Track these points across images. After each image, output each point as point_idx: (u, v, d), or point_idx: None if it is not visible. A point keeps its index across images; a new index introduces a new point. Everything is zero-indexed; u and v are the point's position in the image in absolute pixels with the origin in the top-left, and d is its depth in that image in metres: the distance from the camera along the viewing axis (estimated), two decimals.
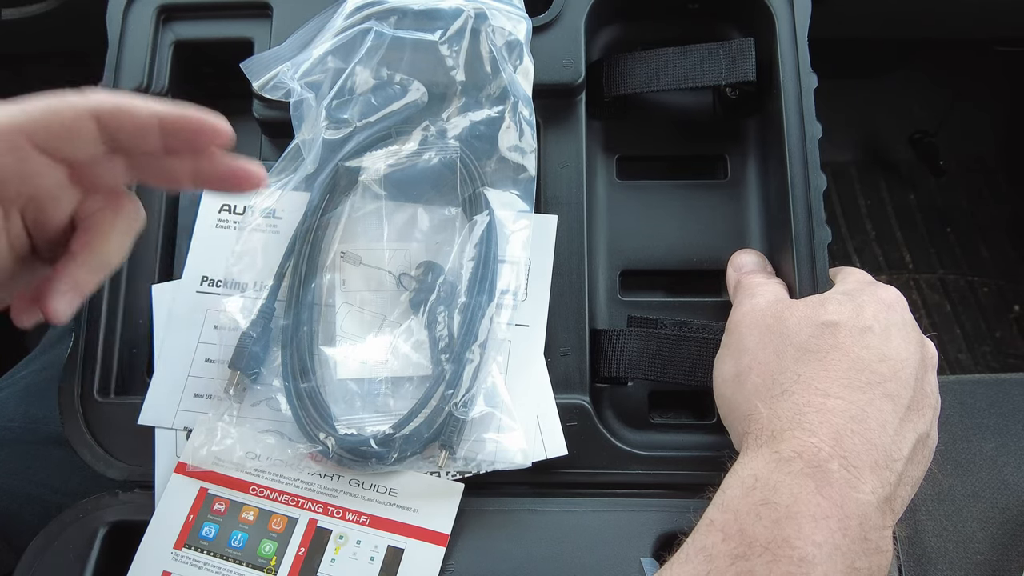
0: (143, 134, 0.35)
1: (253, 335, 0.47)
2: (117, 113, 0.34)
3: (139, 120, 0.35)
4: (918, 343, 0.42)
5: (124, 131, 0.35)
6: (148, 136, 0.35)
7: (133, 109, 0.34)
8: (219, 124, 0.36)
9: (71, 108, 0.34)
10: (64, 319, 0.35)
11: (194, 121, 0.35)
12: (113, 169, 0.36)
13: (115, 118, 0.34)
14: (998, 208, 1.13)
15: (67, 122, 0.34)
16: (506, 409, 0.46)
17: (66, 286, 0.35)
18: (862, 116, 1.15)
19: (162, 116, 0.35)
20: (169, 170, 0.37)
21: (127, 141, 0.35)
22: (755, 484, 0.37)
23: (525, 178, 0.49)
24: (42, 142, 0.34)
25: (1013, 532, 0.53)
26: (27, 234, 0.36)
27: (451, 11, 0.49)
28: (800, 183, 0.48)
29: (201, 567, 0.44)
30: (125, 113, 0.34)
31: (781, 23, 0.51)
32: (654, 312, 0.52)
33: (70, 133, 0.34)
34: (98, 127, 0.34)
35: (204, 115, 0.35)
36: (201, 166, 0.37)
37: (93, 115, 0.34)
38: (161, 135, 0.35)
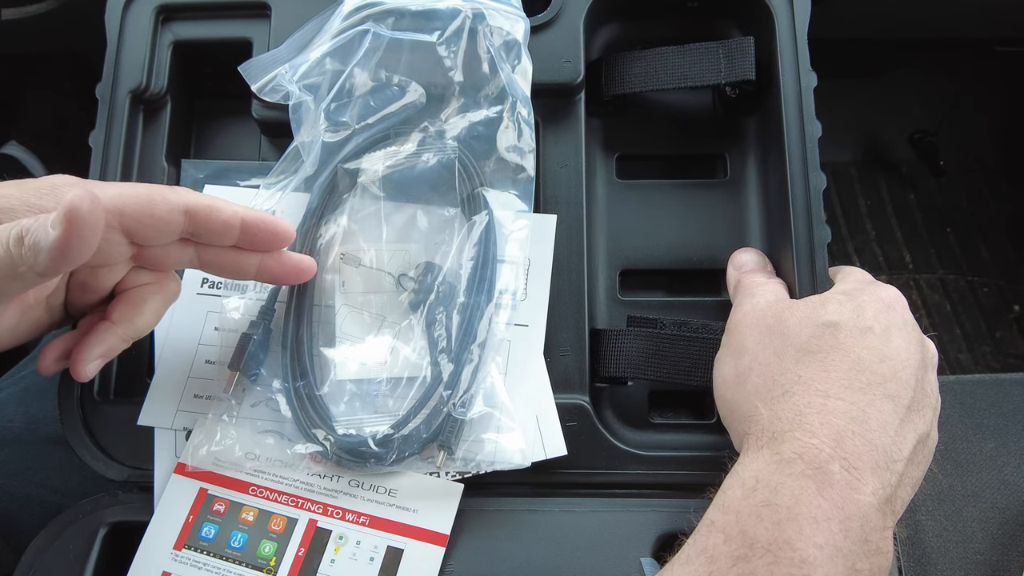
0: (225, 232, 0.39)
1: (253, 336, 0.47)
2: (208, 213, 0.38)
3: (226, 220, 0.38)
4: (918, 343, 0.42)
5: (209, 229, 0.38)
6: (229, 235, 0.39)
7: (222, 211, 0.38)
8: (289, 230, 0.40)
9: (166, 203, 0.37)
10: (89, 378, 0.39)
11: (270, 225, 0.39)
12: (181, 256, 0.40)
13: (205, 217, 0.38)
14: (998, 208, 1.12)
15: (160, 215, 0.37)
16: (505, 409, 0.46)
17: (100, 351, 0.39)
18: (862, 116, 1.15)
19: (244, 219, 0.39)
20: (237, 263, 0.41)
21: (208, 238, 0.39)
22: (756, 485, 0.37)
23: (524, 178, 0.49)
24: (130, 227, 0.36)
25: (1013, 532, 0.53)
26: (65, 293, 0.40)
27: (449, 12, 0.49)
28: (800, 182, 0.48)
29: (201, 567, 0.44)
30: (215, 213, 0.38)
31: (781, 22, 0.51)
32: (654, 312, 0.52)
33: (160, 225, 0.37)
34: (186, 222, 0.38)
35: (278, 221, 0.40)
36: (267, 262, 0.41)
37: (185, 212, 0.37)
38: (240, 235, 0.39)
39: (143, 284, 0.41)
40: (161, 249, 0.39)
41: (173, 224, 0.37)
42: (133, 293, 0.40)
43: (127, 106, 0.52)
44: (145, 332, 0.41)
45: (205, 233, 0.39)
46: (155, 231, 0.37)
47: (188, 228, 0.38)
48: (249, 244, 0.40)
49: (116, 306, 0.40)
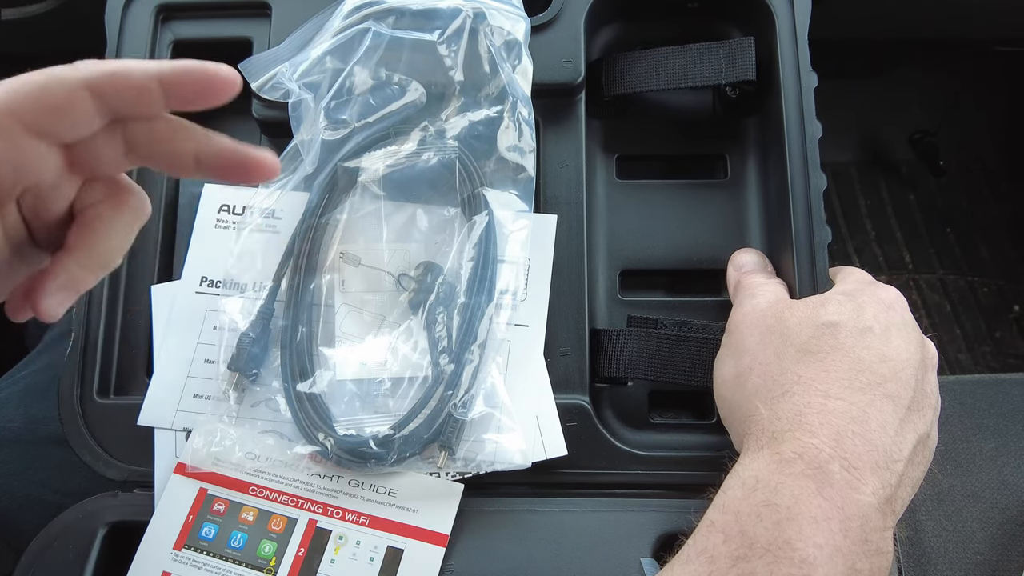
0: (143, 98, 0.32)
1: (252, 336, 0.47)
2: (112, 79, 0.31)
3: (136, 82, 0.31)
4: (918, 343, 0.42)
5: (122, 98, 0.32)
6: (149, 99, 0.32)
7: (129, 72, 0.31)
8: (225, 72, 0.32)
9: (61, 82, 0.31)
10: (55, 317, 0.33)
11: (196, 71, 0.32)
12: (112, 150, 0.33)
13: (111, 85, 0.31)
14: (998, 208, 1.12)
15: (59, 97, 0.31)
16: (505, 410, 0.46)
17: (59, 283, 0.33)
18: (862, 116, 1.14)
19: (161, 73, 0.31)
20: (171, 152, 0.34)
21: (126, 109, 0.32)
22: (756, 485, 0.37)
23: (524, 178, 0.49)
24: (34, 123, 0.31)
25: (1013, 532, 0.53)
26: (24, 223, 0.34)
27: (449, 11, 0.48)
28: (800, 183, 0.48)
29: (201, 567, 0.44)
30: (120, 78, 0.31)
31: (781, 22, 0.51)
32: (654, 312, 0.52)
33: (64, 109, 0.31)
34: (93, 98, 0.31)
35: (206, 65, 0.32)
36: (206, 147, 0.33)
37: (86, 85, 0.31)
38: (163, 95, 0.32)
39: (97, 202, 0.35)
40: (87, 145, 0.33)
41: (80, 105, 0.31)
42: (88, 212, 0.34)
43: None
44: (112, 260, 0.34)
45: (122, 105, 0.32)
46: (63, 120, 0.31)
47: (100, 107, 0.32)
48: (182, 103, 0.33)
49: (72, 230, 0.34)
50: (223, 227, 0.51)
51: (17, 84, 0.31)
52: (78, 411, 0.48)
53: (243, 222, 0.50)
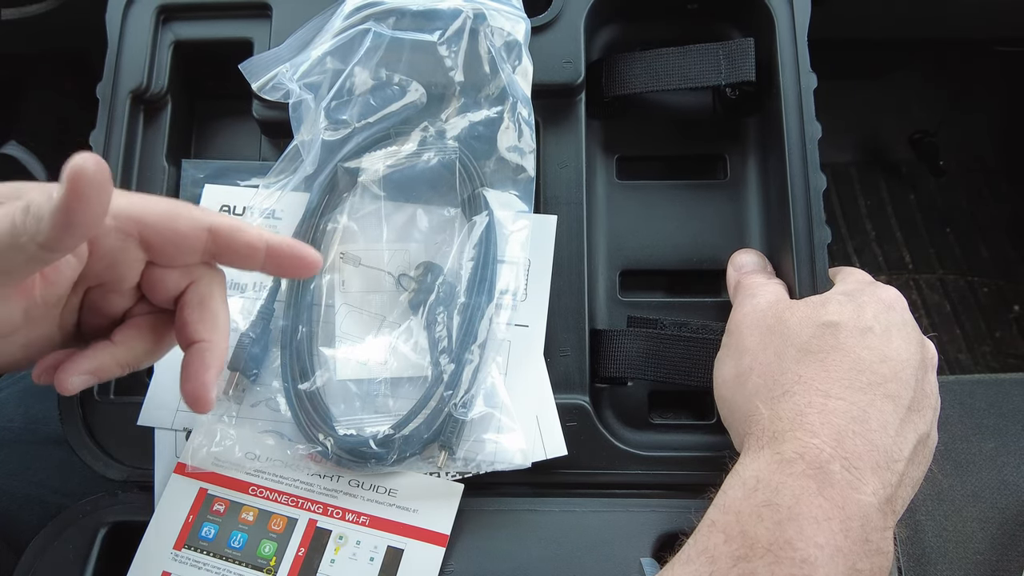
0: (249, 256, 0.36)
1: (252, 336, 0.47)
2: (231, 234, 0.35)
3: (250, 243, 0.36)
4: (918, 343, 0.42)
5: (233, 250, 0.36)
6: (252, 259, 0.36)
7: (247, 231, 0.36)
8: (314, 256, 0.37)
9: (191, 219, 0.35)
10: (72, 392, 0.36)
11: (298, 251, 0.37)
12: (182, 278, 0.37)
13: (229, 238, 0.35)
14: (998, 208, 1.12)
15: (184, 229, 0.35)
16: (505, 410, 0.46)
17: (89, 368, 0.36)
18: (862, 116, 1.15)
19: (270, 243, 0.36)
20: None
21: (230, 259, 0.37)
22: (757, 485, 0.37)
23: (524, 178, 0.49)
24: (150, 237, 0.34)
25: (1013, 532, 0.53)
26: (79, 312, 0.37)
27: (450, 12, 0.49)
28: (800, 183, 0.48)
29: (201, 567, 0.44)
30: (239, 236, 0.36)
31: (781, 23, 0.51)
32: (654, 312, 0.52)
33: (182, 240, 0.35)
34: (208, 240, 0.35)
35: (304, 248, 0.37)
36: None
37: (210, 230, 0.35)
38: (263, 259, 0.36)
39: (149, 312, 0.38)
40: (175, 273, 0.37)
41: (195, 240, 0.35)
42: (139, 319, 0.38)
43: (127, 106, 0.52)
44: (144, 362, 0.38)
45: (228, 254, 0.36)
46: (175, 246, 0.35)
47: (211, 248, 0.36)
48: (274, 270, 0.38)
49: (121, 328, 0.38)
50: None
51: (151, 201, 0.35)
52: (78, 411, 0.48)
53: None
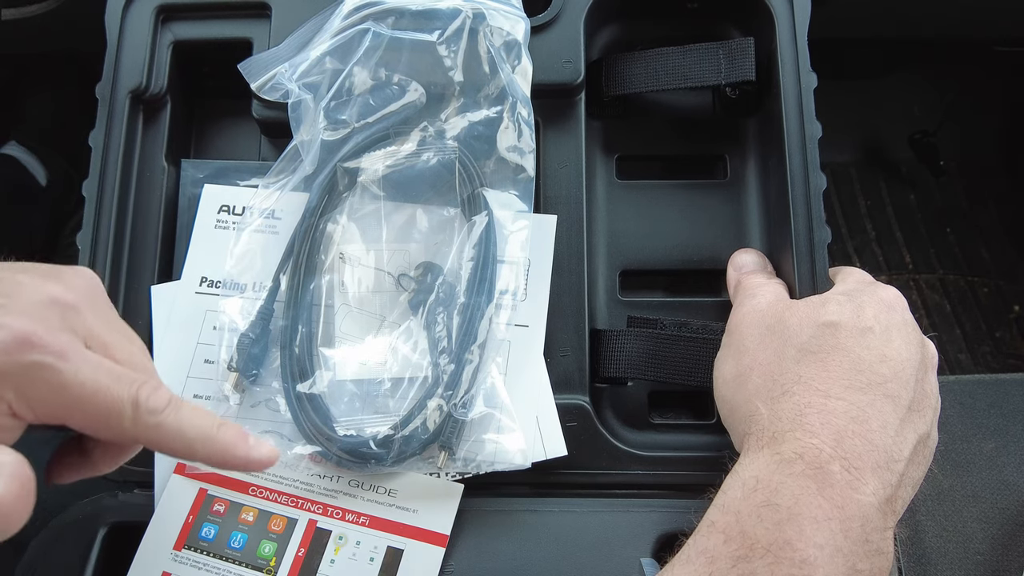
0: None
1: (252, 336, 0.47)
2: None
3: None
4: (918, 343, 0.42)
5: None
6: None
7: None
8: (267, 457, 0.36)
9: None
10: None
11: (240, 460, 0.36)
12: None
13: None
14: (998, 208, 1.12)
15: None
16: (505, 410, 0.46)
17: (83, 473, 0.37)
18: (862, 116, 1.14)
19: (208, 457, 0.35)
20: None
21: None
22: (756, 485, 0.37)
23: (524, 178, 0.49)
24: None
25: (1013, 532, 0.53)
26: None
27: (449, 11, 0.48)
28: (800, 183, 0.48)
29: (201, 568, 0.44)
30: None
31: (781, 22, 0.51)
32: (654, 312, 0.52)
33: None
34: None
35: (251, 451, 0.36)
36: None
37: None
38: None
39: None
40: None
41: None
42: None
43: (127, 106, 0.52)
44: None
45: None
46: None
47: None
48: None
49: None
50: (223, 227, 0.51)
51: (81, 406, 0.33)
52: None
53: (243, 222, 0.50)
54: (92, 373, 0.31)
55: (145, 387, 0.33)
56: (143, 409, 0.32)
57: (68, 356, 0.31)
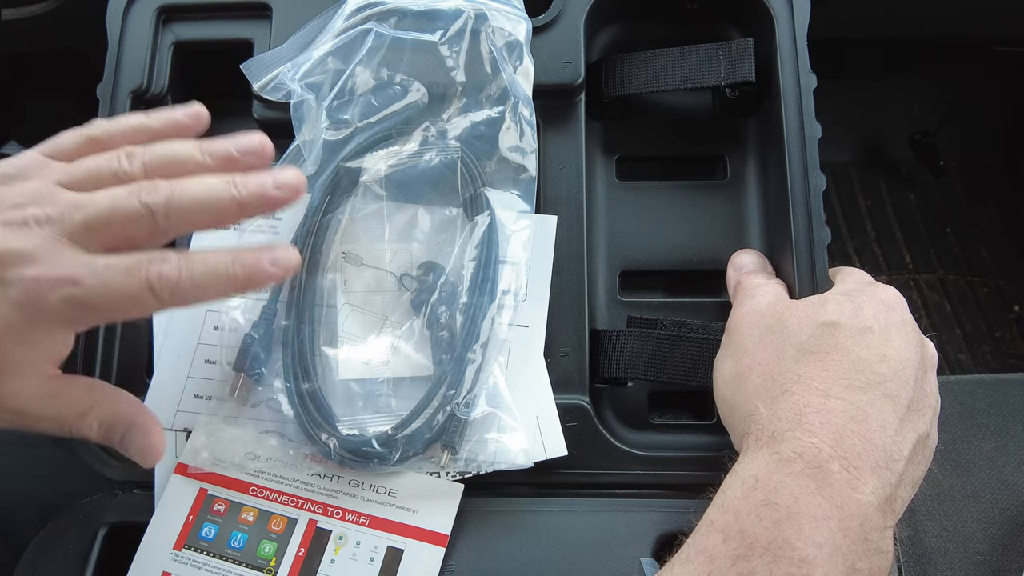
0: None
1: (255, 336, 0.47)
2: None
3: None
4: (918, 343, 0.42)
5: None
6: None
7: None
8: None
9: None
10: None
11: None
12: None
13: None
14: (998, 208, 1.12)
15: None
16: (508, 409, 0.46)
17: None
18: (862, 116, 1.15)
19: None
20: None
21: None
22: (756, 485, 0.37)
23: (526, 178, 0.49)
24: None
25: (1013, 532, 0.53)
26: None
27: (451, 12, 0.49)
28: (800, 183, 0.48)
29: (201, 568, 0.44)
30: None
31: (780, 23, 0.51)
32: (654, 312, 0.52)
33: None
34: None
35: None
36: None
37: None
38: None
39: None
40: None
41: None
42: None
43: (128, 106, 0.52)
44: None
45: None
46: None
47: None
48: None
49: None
50: (223, 227, 0.51)
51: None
52: None
53: (244, 223, 0.50)
54: (101, 282, 0.33)
55: (152, 268, 0.34)
56: (159, 289, 0.34)
57: (80, 280, 0.33)
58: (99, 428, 0.38)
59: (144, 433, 0.38)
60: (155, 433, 0.39)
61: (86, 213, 0.34)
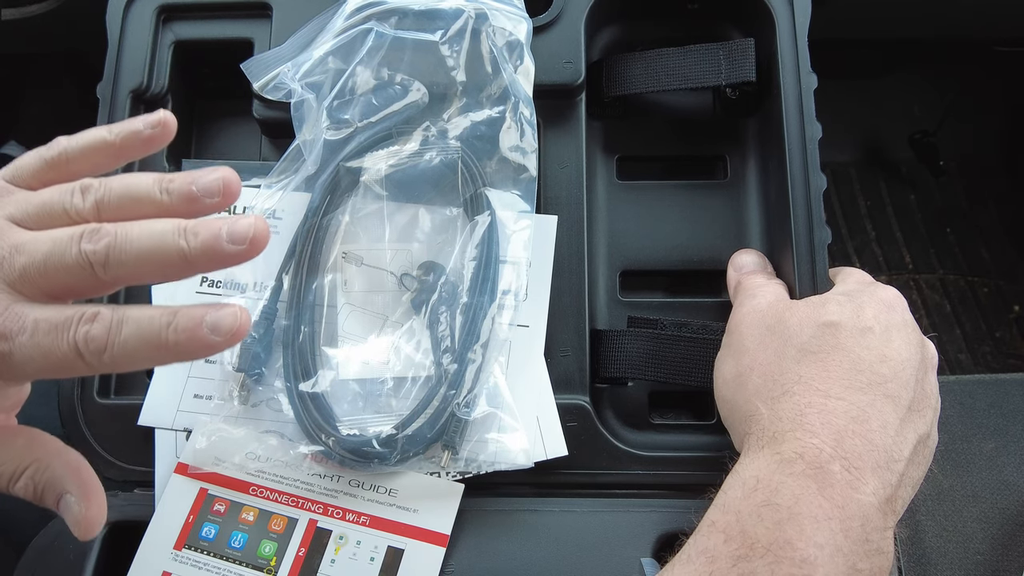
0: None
1: (255, 336, 0.47)
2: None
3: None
4: (918, 344, 0.42)
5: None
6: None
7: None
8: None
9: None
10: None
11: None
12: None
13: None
14: (998, 208, 1.12)
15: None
16: (508, 409, 0.46)
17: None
18: (862, 116, 1.14)
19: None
20: None
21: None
22: (757, 485, 0.37)
23: (526, 178, 0.49)
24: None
25: (1013, 532, 0.53)
26: None
27: (451, 11, 0.49)
28: (800, 183, 0.48)
29: (201, 567, 0.44)
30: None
31: (781, 23, 0.51)
32: (654, 312, 0.52)
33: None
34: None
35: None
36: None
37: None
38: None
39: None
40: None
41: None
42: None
43: (128, 106, 0.52)
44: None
45: None
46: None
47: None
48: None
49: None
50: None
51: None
52: (78, 411, 0.48)
53: None
54: (30, 340, 0.30)
55: (80, 328, 0.30)
56: (87, 354, 0.30)
57: (7, 334, 0.30)
58: (34, 489, 0.35)
59: (78, 502, 0.34)
60: (93, 502, 0.34)
61: (26, 258, 0.31)
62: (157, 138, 0.37)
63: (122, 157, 0.37)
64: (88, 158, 0.36)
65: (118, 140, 0.37)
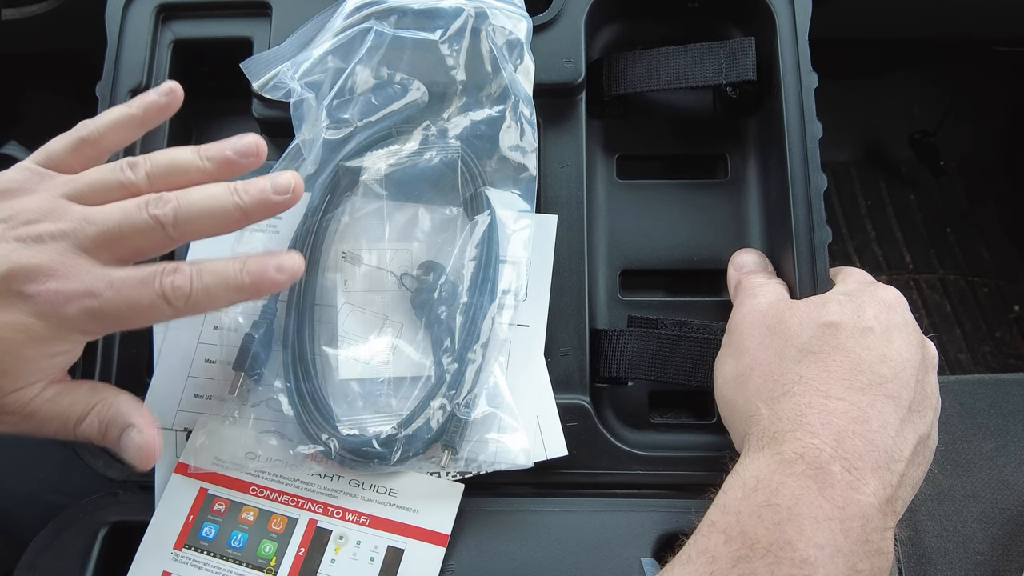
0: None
1: (255, 336, 0.47)
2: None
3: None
4: (919, 344, 0.42)
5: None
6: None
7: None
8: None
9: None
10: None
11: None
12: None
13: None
14: (998, 208, 1.12)
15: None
16: (508, 409, 0.46)
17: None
18: (862, 116, 1.14)
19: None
20: None
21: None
22: (757, 485, 0.37)
23: (526, 178, 0.49)
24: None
25: (1013, 532, 0.53)
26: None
27: (451, 10, 0.48)
28: (800, 183, 0.48)
29: (201, 567, 0.44)
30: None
31: (782, 22, 0.51)
32: (654, 312, 0.52)
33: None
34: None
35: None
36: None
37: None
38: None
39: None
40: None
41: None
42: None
43: None
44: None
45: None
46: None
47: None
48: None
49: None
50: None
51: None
52: None
53: None
54: (118, 294, 0.35)
55: (165, 279, 0.36)
56: (174, 300, 0.36)
57: (97, 292, 0.35)
58: (99, 427, 0.39)
59: (140, 432, 0.39)
60: (152, 434, 0.39)
61: (99, 227, 0.36)
62: (171, 105, 0.43)
63: (144, 126, 0.43)
64: (116, 132, 0.42)
65: (140, 112, 0.42)
